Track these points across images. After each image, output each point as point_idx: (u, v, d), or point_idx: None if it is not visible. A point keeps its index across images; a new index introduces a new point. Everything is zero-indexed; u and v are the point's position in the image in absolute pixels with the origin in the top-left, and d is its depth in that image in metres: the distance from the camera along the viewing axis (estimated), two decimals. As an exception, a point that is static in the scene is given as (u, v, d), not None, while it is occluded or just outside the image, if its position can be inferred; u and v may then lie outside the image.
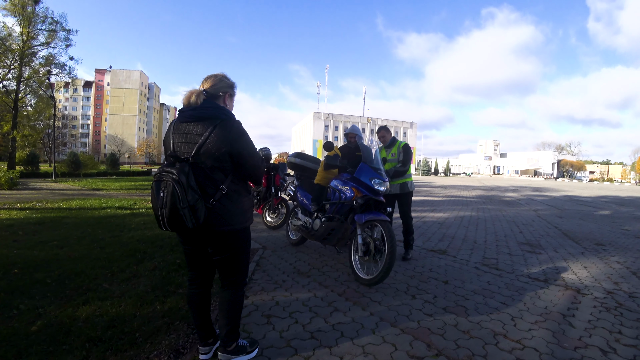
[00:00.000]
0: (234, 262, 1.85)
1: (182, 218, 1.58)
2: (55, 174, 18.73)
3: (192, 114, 1.71)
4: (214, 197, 1.70)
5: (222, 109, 1.76)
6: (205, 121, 1.70)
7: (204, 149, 1.67)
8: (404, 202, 4.29)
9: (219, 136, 1.67)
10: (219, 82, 1.82)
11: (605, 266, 4.17)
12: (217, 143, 1.67)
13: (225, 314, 1.85)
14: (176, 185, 1.57)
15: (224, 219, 1.72)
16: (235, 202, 1.77)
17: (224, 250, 1.80)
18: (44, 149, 49.66)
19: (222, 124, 1.70)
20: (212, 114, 1.71)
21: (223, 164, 1.71)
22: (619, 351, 2.17)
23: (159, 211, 1.62)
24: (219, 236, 1.75)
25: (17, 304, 2.46)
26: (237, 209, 1.77)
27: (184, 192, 1.57)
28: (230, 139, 1.69)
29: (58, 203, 8.25)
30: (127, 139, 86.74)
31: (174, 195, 1.56)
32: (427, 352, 2.08)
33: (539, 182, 44.12)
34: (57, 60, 24.98)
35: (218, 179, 1.72)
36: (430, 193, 16.87)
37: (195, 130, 1.70)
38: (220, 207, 1.71)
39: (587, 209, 11.32)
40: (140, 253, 3.88)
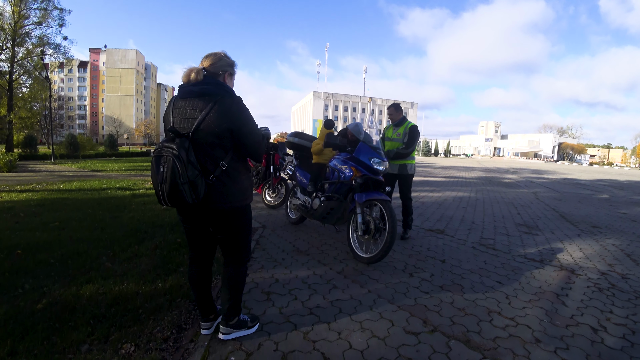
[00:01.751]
0: (235, 240, 1.86)
1: (182, 194, 1.58)
2: (54, 156, 18.68)
3: (192, 90, 1.69)
4: (214, 173, 1.69)
5: (222, 85, 1.74)
6: (206, 97, 1.68)
7: (204, 124, 1.65)
8: (404, 183, 4.29)
9: (219, 112, 1.65)
10: (218, 61, 1.79)
11: (601, 248, 4.23)
12: (218, 119, 1.65)
13: (228, 289, 1.89)
14: (176, 161, 1.56)
15: (224, 196, 1.72)
16: (235, 179, 1.76)
17: (224, 228, 1.81)
18: (42, 131, 49.17)
19: (222, 100, 1.68)
20: (212, 90, 1.69)
21: (223, 140, 1.70)
22: (609, 329, 2.23)
23: (159, 186, 1.61)
24: (219, 214, 1.76)
25: (22, 284, 2.50)
26: (236, 187, 1.77)
27: (184, 167, 1.56)
28: (230, 115, 1.68)
29: (58, 185, 8.27)
30: (124, 119, 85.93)
31: (174, 171, 1.56)
32: (423, 328, 2.13)
33: (539, 165, 44.12)
34: (51, 41, 24.43)
35: (218, 156, 1.71)
36: (430, 174, 16.88)
37: (196, 106, 1.68)
38: (220, 184, 1.71)
39: (585, 192, 11.37)
40: (141, 233, 3.92)
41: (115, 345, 1.81)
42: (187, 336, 1.95)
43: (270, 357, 1.79)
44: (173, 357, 1.76)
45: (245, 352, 1.81)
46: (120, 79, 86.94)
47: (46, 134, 47.10)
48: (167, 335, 1.93)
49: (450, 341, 2.00)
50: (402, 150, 4.11)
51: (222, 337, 1.90)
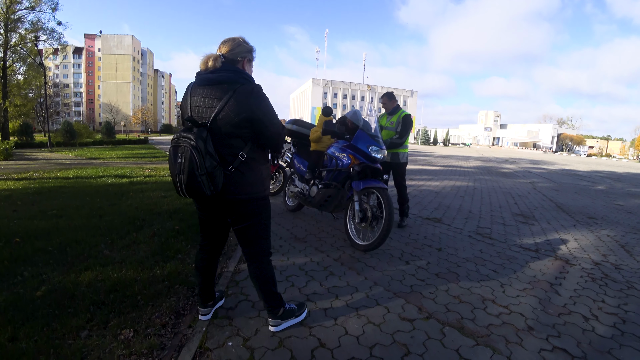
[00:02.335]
0: (254, 232, 1.82)
1: (200, 185, 1.56)
2: (51, 143, 18.53)
3: (210, 77, 1.65)
4: (233, 164, 1.66)
5: (242, 72, 1.69)
6: (224, 85, 1.63)
7: (223, 114, 1.61)
8: (397, 172, 4.31)
9: (238, 101, 1.61)
10: (237, 47, 1.73)
11: (596, 239, 4.27)
12: (237, 108, 1.61)
13: (259, 288, 1.87)
14: (194, 151, 1.53)
15: (242, 186, 1.70)
16: (253, 170, 1.73)
17: (243, 219, 1.78)
18: (37, 118, 48.70)
19: (241, 88, 1.63)
20: (231, 77, 1.65)
21: (242, 130, 1.66)
22: (601, 318, 2.27)
23: (177, 177, 1.59)
24: (237, 204, 1.73)
25: (21, 271, 2.51)
26: (255, 177, 1.74)
27: (201, 158, 1.53)
28: (250, 104, 1.63)
29: (55, 173, 8.23)
30: (121, 107, 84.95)
31: (192, 162, 1.53)
32: (418, 315, 2.17)
33: (538, 155, 44.15)
34: (44, 26, 23.92)
35: (237, 146, 1.67)
36: (428, 162, 16.90)
37: (214, 94, 1.63)
38: (239, 174, 1.69)
39: (583, 184, 11.42)
40: (139, 220, 3.93)
41: (114, 330, 1.84)
42: (185, 322, 1.97)
43: (267, 342, 1.82)
44: (171, 342, 1.78)
45: (242, 338, 1.84)
46: (117, 65, 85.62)
47: (42, 122, 46.68)
48: (166, 321, 1.96)
49: (445, 328, 2.03)
50: (396, 140, 4.11)
51: (272, 330, 1.90)
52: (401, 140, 4.14)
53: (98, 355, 1.65)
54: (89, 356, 1.64)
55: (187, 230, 3.60)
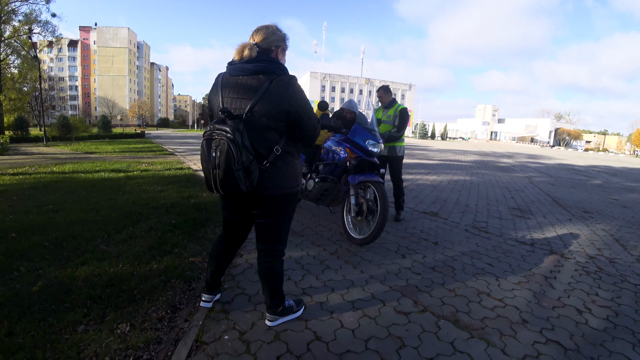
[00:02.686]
0: (278, 228, 1.78)
1: (237, 181, 1.50)
2: (46, 138, 18.39)
3: (245, 67, 1.59)
4: (268, 158, 1.61)
5: (277, 63, 1.64)
6: (260, 76, 1.58)
7: (259, 106, 1.55)
8: (394, 165, 4.33)
9: (275, 93, 1.56)
10: (271, 35, 1.67)
11: (591, 233, 4.30)
12: (274, 100, 1.56)
13: (267, 284, 1.85)
14: (231, 144, 1.46)
15: (277, 181, 1.65)
16: (288, 164, 1.70)
17: (271, 214, 1.73)
18: (33, 112, 48.22)
19: (278, 79, 1.58)
20: (267, 68, 1.60)
21: (279, 123, 1.61)
22: (594, 311, 2.29)
23: (211, 173, 1.53)
24: (269, 200, 1.68)
25: (17, 266, 2.50)
26: (289, 172, 1.70)
27: (239, 152, 1.47)
28: (287, 96, 1.58)
29: (51, 167, 8.18)
30: (118, 100, 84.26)
31: (229, 155, 1.46)
32: (414, 308, 2.19)
33: (535, 150, 44.28)
34: (39, 18, 23.57)
35: (272, 139, 1.62)
36: (426, 157, 16.92)
37: (249, 85, 1.58)
38: (274, 169, 1.64)
39: (579, 178, 11.48)
40: (135, 215, 3.92)
41: (111, 325, 1.84)
42: (182, 316, 1.98)
43: (263, 335, 1.83)
44: (168, 336, 1.79)
45: (238, 331, 1.85)
46: (112, 58, 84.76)
47: (37, 116, 46.28)
48: (162, 315, 1.96)
49: (440, 321, 2.05)
50: (394, 134, 4.14)
51: (269, 324, 1.91)
52: (399, 133, 4.16)
53: (94, 349, 1.65)
54: (86, 350, 1.65)
55: (183, 224, 3.59)
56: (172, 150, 14.79)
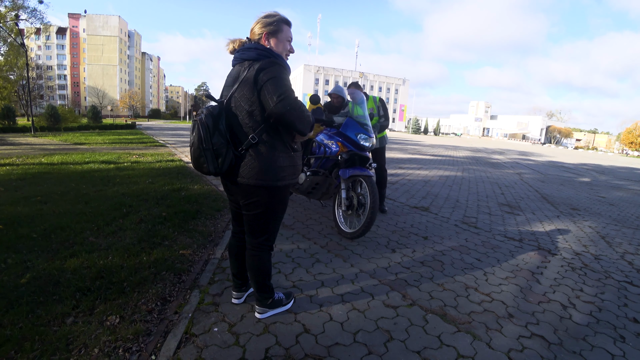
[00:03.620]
0: (261, 222, 1.77)
1: (204, 159, 1.58)
2: (34, 128, 18.00)
3: (235, 57, 1.71)
4: (243, 145, 1.64)
5: (261, 48, 1.66)
6: (245, 63, 1.66)
7: (239, 89, 1.62)
8: (380, 155, 4.40)
9: (251, 75, 1.58)
10: (256, 24, 1.71)
11: (578, 230, 4.39)
12: (250, 81, 1.58)
13: (253, 277, 1.86)
14: (200, 126, 1.57)
15: (254, 171, 1.63)
16: (268, 155, 1.65)
17: (252, 206, 1.73)
18: (20, 102, 47.13)
19: (256, 63, 1.61)
20: (251, 55, 1.65)
21: (254, 106, 1.61)
22: (578, 306, 2.35)
23: (190, 149, 1.65)
24: (247, 189, 1.68)
25: (5, 258, 2.47)
26: (269, 164, 1.64)
27: (207, 133, 1.56)
28: (260, 73, 1.57)
29: (39, 158, 8.03)
30: (108, 90, 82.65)
31: (198, 135, 1.57)
32: (402, 302, 2.22)
33: (526, 147, 44.81)
34: (25, 4, 22.93)
35: (249, 126, 1.63)
36: (418, 152, 17.00)
37: (235, 72, 1.68)
38: (251, 158, 1.63)
39: (568, 175, 11.67)
40: (125, 207, 3.88)
41: (100, 317, 1.83)
42: (172, 308, 1.98)
43: (252, 328, 1.84)
44: (157, 328, 1.79)
45: (228, 324, 1.86)
46: (102, 47, 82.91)
47: (25, 105, 45.23)
48: (152, 307, 1.96)
49: (428, 315, 2.09)
50: (385, 122, 4.25)
51: (258, 317, 1.92)
52: (388, 121, 4.30)
53: (83, 341, 1.65)
54: (75, 342, 1.64)
55: (174, 216, 3.57)
56: (164, 142, 14.63)
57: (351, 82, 4.32)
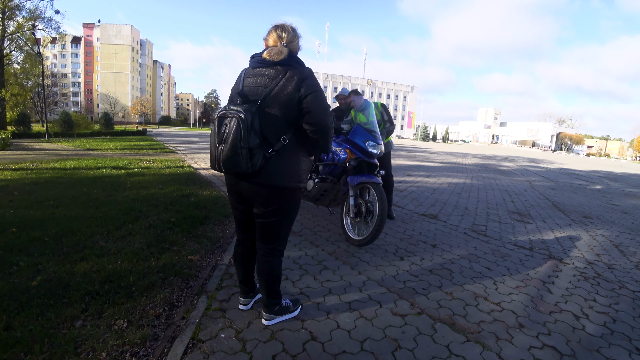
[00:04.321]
0: (276, 227, 1.79)
1: (240, 158, 1.55)
2: (48, 134, 18.41)
3: (266, 59, 1.69)
4: (274, 147, 1.65)
5: (298, 59, 1.74)
6: (278, 66, 1.68)
7: (274, 92, 1.63)
8: (386, 161, 4.40)
9: (290, 81, 1.64)
10: (294, 39, 1.77)
11: (590, 238, 4.30)
12: (289, 87, 1.63)
13: (265, 283, 1.86)
14: (240, 122, 1.53)
15: (279, 171, 1.67)
16: (294, 157, 1.72)
17: (272, 212, 1.75)
18: (35, 108, 48.37)
19: (294, 69, 1.67)
20: (285, 60, 1.68)
21: (288, 110, 1.66)
22: (591, 317, 2.29)
23: (217, 148, 1.59)
24: (270, 190, 1.70)
25: (17, 261, 2.51)
26: (294, 166, 1.72)
27: (246, 131, 1.53)
28: (300, 83, 1.64)
29: (52, 163, 8.20)
30: (120, 97, 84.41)
31: (237, 133, 1.52)
32: (410, 311, 2.19)
33: (536, 154, 44.22)
34: (42, 14, 23.63)
35: (281, 128, 1.67)
36: (427, 159, 16.91)
37: (266, 73, 1.68)
38: (278, 159, 1.67)
39: (580, 183, 11.46)
40: (135, 212, 3.93)
41: (108, 321, 1.85)
42: (179, 313, 1.98)
43: (259, 334, 1.84)
44: (164, 333, 1.80)
45: (235, 330, 1.86)
46: (115, 55, 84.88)
47: (40, 112, 46.37)
48: (159, 312, 1.97)
49: (436, 324, 2.05)
50: (390, 128, 4.26)
51: (265, 323, 1.91)
52: (394, 126, 4.32)
53: (92, 344, 1.66)
54: (83, 345, 1.66)
55: (182, 222, 3.60)
56: (173, 148, 14.81)
57: (351, 90, 4.35)
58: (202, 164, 9.45)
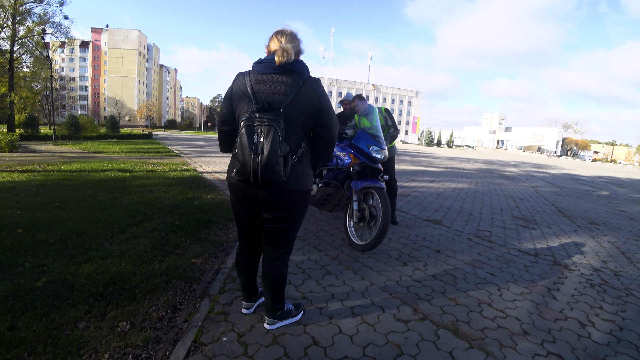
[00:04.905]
0: (289, 230, 1.80)
1: (279, 167, 1.53)
2: (56, 136, 18.65)
3: (281, 65, 1.67)
4: (296, 153, 1.68)
5: (305, 64, 1.76)
6: (293, 75, 1.68)
7: (297, 101, 1.64)
8: (390, 166, 4.40)
9: (309, 90, 1.67)
10: (294, 39, 1.77)
11: (596, 245, 4.25)
12: (308, 96, 1.66)
13: (270, 288, 1.86)
14: (278, 131, 1.50)
15: (300, 177, 1.71)
16: (308, 162, 1.78)
17: (287, 215, 1.74)
18: (43, 111, 49.06)
19: (310, 78, 1.70)
20: (299, 68, 1.71)
21: (308, 119, 1.70)
22: (597, 325, 2.26)
23: (252, 159, 1.51)
24: (291, 196, 1.70)
25: (22, 262, 2.54)
26: (307, 170, 1.77)
27: (282, 140, 1.53)
28: (318, 94, 1.69)
29: (59, 166, 8.29)
30: (126, 101, 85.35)
31: (275, 141, 1.49)
32: (413, 316, 2.17)
33: (542, 159, 43.92)
34: (52, 19, 24.06)
35: (300, 136, 1.70)
36: (431, 164, 16.86)
37: (283, 81, 1.66)
38: (299, 164, 1.71)
39: (585, 188, 11.35)
40: (139, 215, 3.95)
41: (111, 322, 1.86)
42: (182, 316, 1.99)
43: (261, 338, 1.83)
44: (167, 336, 1.80)
45: (237, 334, 1.86)
46: (122, 59, 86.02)
47: (48, 115, 46.94)
48: (162, 315, 1.98)
49: (439, 330, 2.04)
50: (395, 133, 4.28)
51: (267, 328, 1.91)
52: (398, 131, 4.35)
53: (94, 346, 1.67)
54: (86, 347, 1.66)
55: (186, 225, 3.62)
56: (179, 151, 14.91)
57: (355, 94, 4.37)
58: (207, 167, 9.50)
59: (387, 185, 4.33)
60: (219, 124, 1.83)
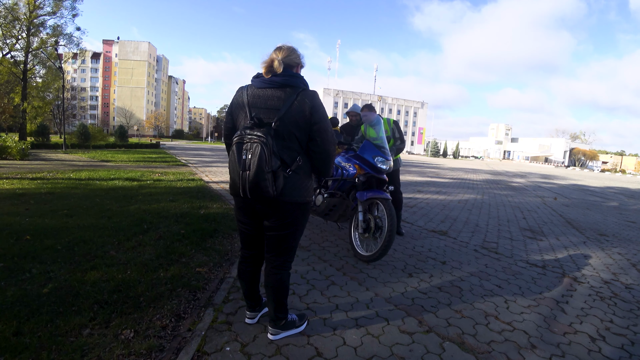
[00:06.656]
0: (290, 238, 1.81)
1: (267, 183, 1.55)
2: (65, 145, 19.00)
3: (274, 80, 1.70)
4: (291, 166, 1.70)
5: (302, 78, 1.77)
6: (287, 88, 1.70)
7: (288, 115, 1.66)
8: (395, 178, 4.39)
9: (302, 103, 1.67)
10: (292, 53, 1.79)
11: (606, 257, 4.17)
12: (301, 110, 1.67)
13: (273, 297, 1.85)
14: (264, 148, 1.53)
15: (297, 189, 1.73)
16: (305, 175, 1.78)
17: (287, 223, 1.76)
18: (54, 120, 50.11)
19: (304, 92, 1.71)
20: (293, 81, 1.71)
21: (302, 133, 1.71)
22: (608, 339, 2.20)
23: (240, 175, 1.58)
24: (285, 208, 1.72)
25: (29, 268, 2.57)
26: (306, 182, 1.79)
27: (270, 155, 1.54)
28: (311, 107, 1.69)
29: (68, 174, 8.42)
30: (135, 111, 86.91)
31: (261, 158, 1.52)
32: (418, 328, 2.14)
33: (549, 170, 43.48)
34: (64, 31, 24.79)
35: (295, 149, 1.72)
36: (437, 175, 16.78)
37: (277, 96, 1.69)
38: (296, 177, 1.72)
39: (594, 199, 11.20)
40: (146, 223, 3.98)
41: (115, 330, 1.86)
42: (185, 325, 1.99)
43: (264, 349, 1.82)
44: (170, 344, 1.80)
45: (240, 343, 1.85)
46: (132, 70, 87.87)
47: (58, 124, 47.88)
48: (166, 323, 1.98)
49: (445, 342, 2.01)
50: (400, 145, 4.26)
51: (271, 338, 1.90)
52: (404, 144, 4.31)
53: (98, 353, 1.67)
54: (89, 354, 1.67)
55: (192, 234, 3.64)
56: (185, 161, 15.06)
57: (364, 104, 4.40)
58: (213, 177, 9.57)
59: (393, 197, 4.32)
60: (224, 137, 1.92)
